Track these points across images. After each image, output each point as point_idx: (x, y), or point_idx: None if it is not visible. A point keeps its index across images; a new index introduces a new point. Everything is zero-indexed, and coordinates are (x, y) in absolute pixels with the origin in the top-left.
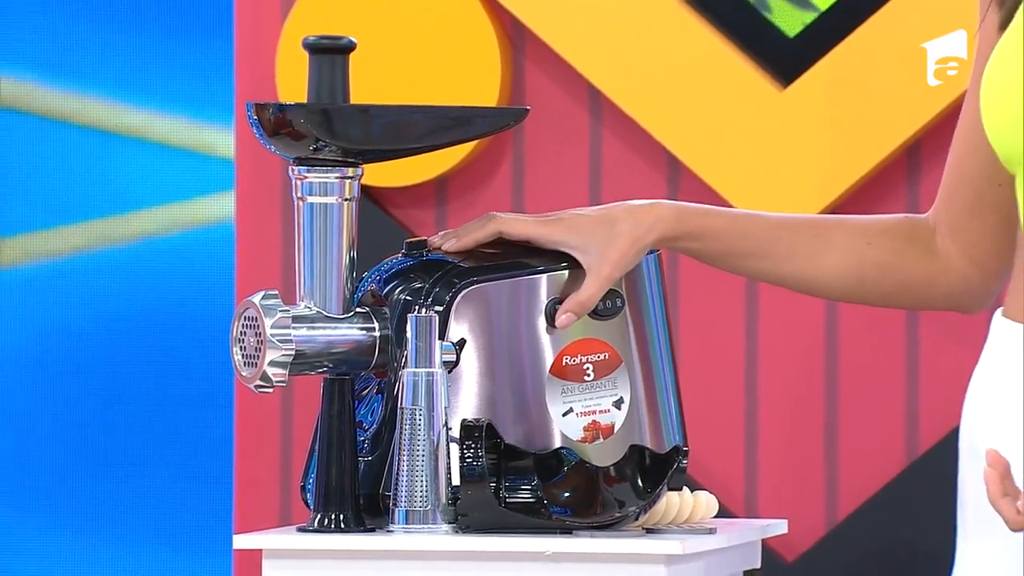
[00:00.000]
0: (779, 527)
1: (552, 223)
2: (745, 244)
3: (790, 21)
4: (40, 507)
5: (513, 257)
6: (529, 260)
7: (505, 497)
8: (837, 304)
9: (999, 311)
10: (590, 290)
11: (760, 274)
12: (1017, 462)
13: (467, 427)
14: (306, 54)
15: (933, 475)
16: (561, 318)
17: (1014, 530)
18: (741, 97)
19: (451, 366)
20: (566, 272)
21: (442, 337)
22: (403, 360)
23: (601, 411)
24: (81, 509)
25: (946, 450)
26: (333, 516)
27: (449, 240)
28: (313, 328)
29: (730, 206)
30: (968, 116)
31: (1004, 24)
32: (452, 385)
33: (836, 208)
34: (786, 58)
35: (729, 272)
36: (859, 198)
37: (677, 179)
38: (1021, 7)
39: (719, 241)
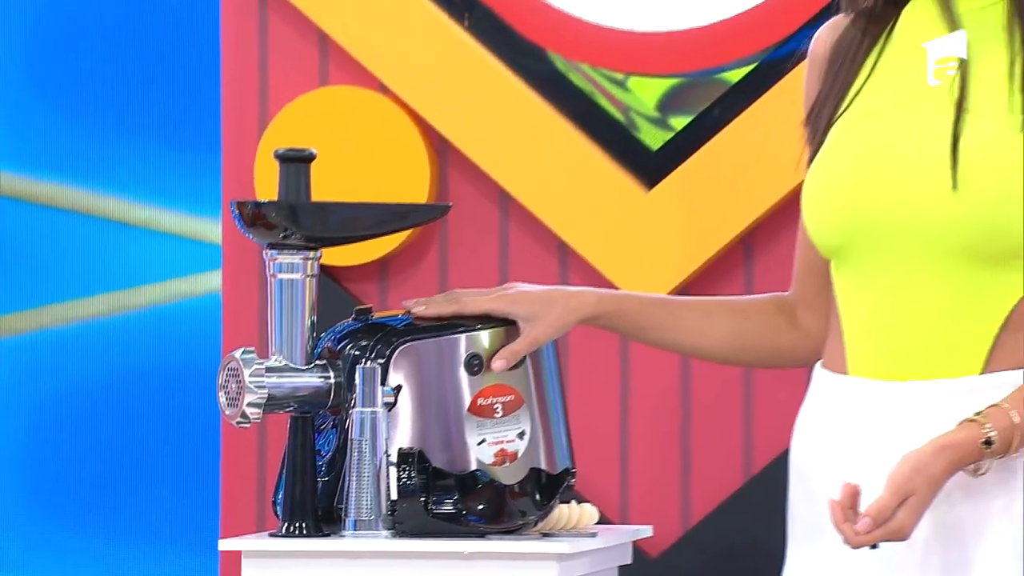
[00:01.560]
0: (646, 531)
1: (502, 298)
2: (648, 322)
3: (653, 138)
4: (77, 515)
5: (441, 320)
6: (454, 321)
7: (432, 509)
8: (690, 358)
9: (819, 363)
10: (522, 344)
11: (661, 344)
12: (837, 484)
13: (402, 454)
14: (277, 163)
15: (766, 490)
16: (497, 363)
17: (854, 547)
18: (615, 198)
19: (390, 406)
20: (483, 332)
21: (383, 383)
22: (352, 402)
23: (508, 441)
24: (102, 517)
25: (776, 470)
26: (297, 524)
27: (420, 307)
28: (282, 376)
29: (609, 282)
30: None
31: (825, 130)
32: (391, 421)
33: (687, 284)
34: (650, 167)
35: (638, 343)
36: (705, 277)
37: (566, 261)
38: (839, 120)
39: (628, 321)
